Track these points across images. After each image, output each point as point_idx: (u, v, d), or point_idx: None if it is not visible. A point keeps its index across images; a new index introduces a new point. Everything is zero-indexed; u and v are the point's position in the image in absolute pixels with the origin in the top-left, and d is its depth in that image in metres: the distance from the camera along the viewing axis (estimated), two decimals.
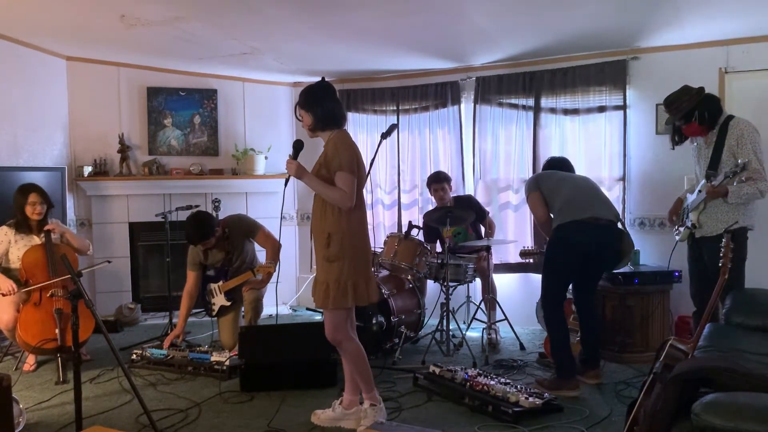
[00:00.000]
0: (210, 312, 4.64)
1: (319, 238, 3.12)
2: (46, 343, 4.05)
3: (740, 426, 1.77)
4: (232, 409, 3.55)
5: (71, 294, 2.91)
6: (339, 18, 4.40)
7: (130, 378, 3.08)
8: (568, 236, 3.75)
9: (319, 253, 3.14)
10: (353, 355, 3.19)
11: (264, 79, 6.40)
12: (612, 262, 3.92)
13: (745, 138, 3.52)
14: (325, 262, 3.10)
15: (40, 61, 5.52)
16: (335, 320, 3.13)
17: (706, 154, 3.70)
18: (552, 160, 4.34)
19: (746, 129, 3.55)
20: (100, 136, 5.97)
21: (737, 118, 3.64)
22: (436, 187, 5.20)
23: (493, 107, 5.59)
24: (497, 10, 4.24)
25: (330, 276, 3.08)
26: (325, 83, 3.20)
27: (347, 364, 3.27)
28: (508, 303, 5.11)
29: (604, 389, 3.78)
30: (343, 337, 3.16)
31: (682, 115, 3.70)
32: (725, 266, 2.81)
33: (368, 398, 3.22)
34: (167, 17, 4.38)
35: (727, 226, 3.48)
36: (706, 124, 3.66)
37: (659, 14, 4.26)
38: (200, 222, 4.40)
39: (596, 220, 3.73)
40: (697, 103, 3.66)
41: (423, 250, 4.74)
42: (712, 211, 3.62)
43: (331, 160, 3.05)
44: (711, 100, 3.69)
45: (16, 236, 4.36)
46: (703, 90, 3.74)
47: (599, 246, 3.76)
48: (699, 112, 3.64)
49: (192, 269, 4.60)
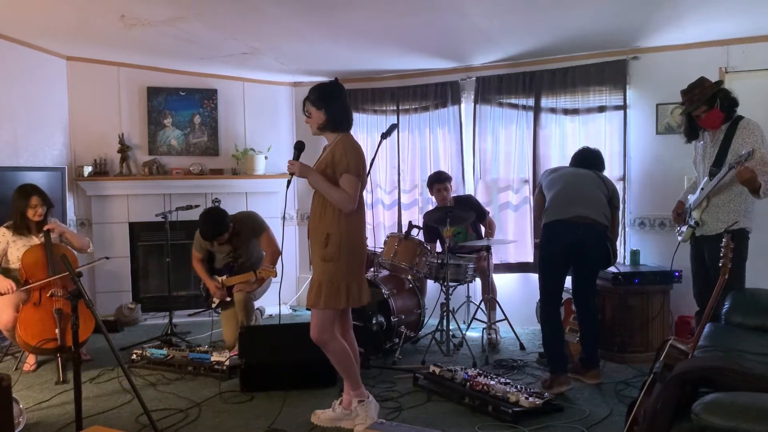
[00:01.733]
0: (209, 304, 4.66)
1: (316, 237, 3.12)
2: (46, 343, 4.05)
3: (740, 426, 1.77)
4: (232, 409, 3.55)
5: (71, 294, 2.91)
6: (339, 18, 4.39)
7: (130, 378, 3.08)
8: (552, 235, 3.84)
9: (315, 253, 3.14)
10: (339, 354, 3.19)
11: (264, 79, 6.40)
12: (604, 261, 3.92)
13: (755, 137, 3.50)
14: (321, 262, 3.10)
15: (40, 61, 5.51)
16: (323, 320, 3.12)
17: (711, 153, 3.68)
18: (577, 153, 4.31)
19: (756, 129, 3.54)
20: (100, 136, 5.97)
21: (747, 118, 3.62)
22: (439, 187, 5.18)
23: (493, 107, 5.59)
24: (497, 10, 4.24)
25: (324, 276, 3.08)
26: (340, 84, 3.19)
27: (334, 364, 3.28)
28: (508, 303, 5.11)
29: (604, 389, 3.78)
30: (328, 338, 3.15)
31: (706, 99, 3.65)
32: (725, 266, 2.81)
33: (356, 395, 3.23)
34: (167, 17, 4.38)
35: (727, 225, 3.48)
36: (725, 112, 3.63)
37: (659, 14, 4.26)
38: (215, 218, 4.44)
39: (581, 219, 3.76)
40: (719, 90, 3.66)
41: (423, 250, 4.74)
42: (714, 210, 3.61)
43: (338, 161, 3.05)
44: (729, 91, 3.70)
45: (13, 237, 4.36)
46: (721, 82, 3.79)
47: (583, 245, 3.79)
48: (721, 98, 3.62)
49: (198, 252, 4.67)
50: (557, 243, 3.82)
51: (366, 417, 3.18)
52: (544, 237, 3.87)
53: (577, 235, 3.77)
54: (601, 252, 3.84)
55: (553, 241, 3.84)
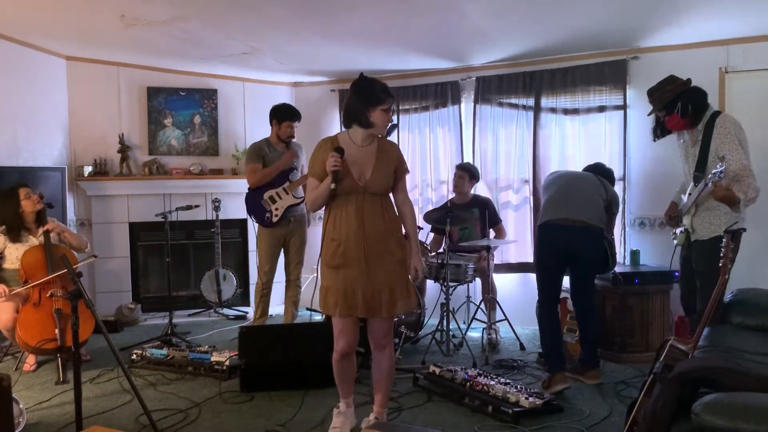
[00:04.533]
0: (270, 220, 4.74)
1: (387, 239, 2.96)
2: (46, 344, 4.04)
3: (740, 426, 1.77)
4: (232, 409, 3.55)
5: (71, 294, 2.90)
6: (339, 18, 4.40)
7: (130, 378, 3.08)
8: (543, 237, 3.90)
9: (385, 257, 2.94)
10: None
11: (264, 79, 6.40)
12: (600, 263, 3.90)
13: (731, 137, 3.37)
14: (397, 264, 2.98)
15: (40, 61, 5.51)
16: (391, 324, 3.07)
17: (693, 153, 3.59)
18: (591, 165, 4.31)
19: (732, 127, 3.39)
20: (100, 136, 5.97)
21: (723, 115, 3.50)
22: (458, 172, 5.29)
23: (493, 107, 5.60)
24: (497, 10, 4.24)
25: (392, 282, 2.94)
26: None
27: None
28: (508, 303, 5.11)
29: (604, 389, 3.78)
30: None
31: (664, 105, 3.57)
32: (725, 266, 2.81)
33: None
34: (167, 17, 4.38)
35: (716, 229, 3.41)
36: (688, 117, 3.49)
37: (659, 14, 4.26)
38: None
39: (571, 222, 3.77)
40: (681, 93, 3.52)
41: (423, 250, 4.74)
42: (704, 215, 3.53)
43: (401, 164, 3.07)
44: (696, 93, 3.53)
45: (10, 243, 4.35)
46: (689, 82, 3.60)
47: (572, 247, 3.80)
48: (682, 103, 3.49)
49: (256, 162, 4.81)
50: (547, 244, 3.88)
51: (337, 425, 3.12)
52: (536, 237, 3.96)
53: (566, 237, 3.78)
54: (593, 254, 3.83)
55: (543, 242, 3.91)
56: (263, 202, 4.76)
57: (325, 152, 2.92)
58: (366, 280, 2.90)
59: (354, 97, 2.95)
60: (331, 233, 2.95)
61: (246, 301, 6.25)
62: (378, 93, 2.91)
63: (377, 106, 2.90)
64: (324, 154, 2.91)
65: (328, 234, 2.96)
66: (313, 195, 2.98)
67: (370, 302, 2.91)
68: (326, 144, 2.99)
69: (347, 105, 2.99)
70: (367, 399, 3.50)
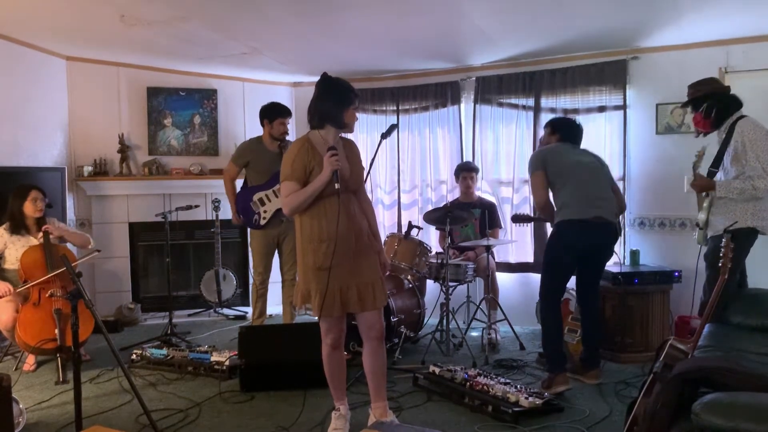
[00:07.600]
0: (258, 222, 4.71)
1: (367, 234, 3.07)
2: (46, 343, 4.05)
3: (740, 426, 1.77)
4: (232, 409, 3.55)
5: (71, 294, 2.90)
6: (339, 18, 4.39)
7: (130, 378, 3.08)
8: (571, 235, 3.71)
9: (369, 252, 3.05)
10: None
11: (264, 79, 6.40)
12: (607, 259, 3.92)
13: (751, 141, 3.43)
14: (376, 257, 3.10)
15: (40, 61, 5.51)
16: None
17: (713, 152, 3.66)
18: (567, 127, 4.05)
19: (747, 129, 3.47)
20: (100, 136, 5.96)
21: (746, 118, 3.55)
22: (465, 175, 5.29)
23: (493, 107, 5.60)
24: (497, 11, 4.24)
25: (377, 274, 3.06)
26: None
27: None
28: (508, 303, 5.11)
29: (604, 389, 3.78)
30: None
31: (690, 100, 3.65)
32: (725, 266, 2.81)
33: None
34: (167, 17, 4.38)
35: (727, 225, 3.46)
36: (710, 120, 3.59)
37: (659, 14, 4.26)
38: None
39: (599, 220, 3.69)
40: (710, 94, 3.60)
41: (423, 250, 4.74)
42: (720, 210, 3.55)
43: (361, 161, 3.15)
44: (725, 100, 3.61)
45: (12, 237, 4.36)
46: (728, 89, 3.70)
47: (599, 246, 3.77)
48: (708, 104, 3.59)
49: (236, 164, 4.84)
50: (574, 243, 3.71)
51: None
52: (560, 234, 3.74)
53: (596, 236, 3.71)
54: (612, 252, 3.86)
55: (566, 239, 3.73)
56: (252, 204, 4.72)
57: (304, 154, 2.91)
58: (359, 276, 2.97)
59: (326, 97, 2.98)
60: (317, 235, 2.91)
61: (246, 301, 6.24)
62: (348, 93, 2.99)
63: (350, 106, 2.98)
64: (304, 157, 2.90)
65: (314, 237, 2.92)
66: (298, 198, 2.88)
67: (363, 296, 2.97)
68: (303, 146, 2.95)
69: (318, 106, 2.99)
70: (367, 399, 3.49)
